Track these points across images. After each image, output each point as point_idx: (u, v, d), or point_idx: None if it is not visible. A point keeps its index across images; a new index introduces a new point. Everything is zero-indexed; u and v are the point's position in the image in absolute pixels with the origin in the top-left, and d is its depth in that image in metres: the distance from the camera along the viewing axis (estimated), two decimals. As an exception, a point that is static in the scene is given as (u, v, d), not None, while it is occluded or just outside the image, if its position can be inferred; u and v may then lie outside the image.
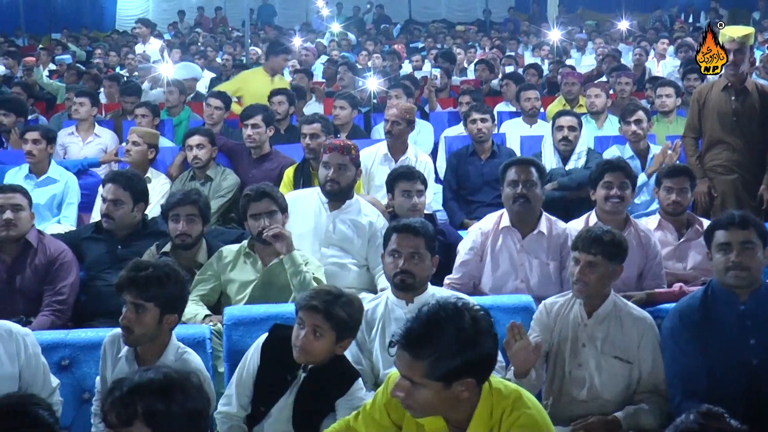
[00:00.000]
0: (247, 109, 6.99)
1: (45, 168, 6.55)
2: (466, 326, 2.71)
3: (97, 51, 16.40)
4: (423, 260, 4.04)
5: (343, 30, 18.68)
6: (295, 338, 3.52)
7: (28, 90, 10.15)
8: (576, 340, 3.93)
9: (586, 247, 3.88)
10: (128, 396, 2.49)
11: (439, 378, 2.69)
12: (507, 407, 2.82)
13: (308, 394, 3.56)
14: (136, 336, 3.57)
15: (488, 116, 7.02)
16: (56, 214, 6.39)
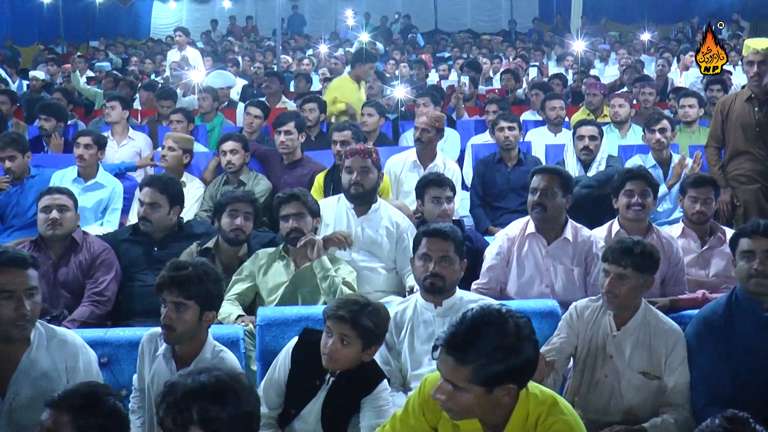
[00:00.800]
0: (279, 116, 7.02)
1: (93, 173, 6.62)
2: (510, 332, 2.71)
3: (133, 58, 16.53)
4: (452, 264, 4.05)
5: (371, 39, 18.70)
6: (324, 346, 3.56)
7: (68, 96, 10.25)
8: (604, 350, 3.89)
9: (617, 259, 3.82)
10: (183, 401, 2.51)
11: (482, 383, 2.69)
12: (543, 412, 2.82)
13: (336, 396, 3.60)
14: (178, 334, 3.60)
15: (515, 125, 7.02)
16: (100, 218, 6.45)
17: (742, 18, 21.33)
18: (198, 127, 8.41)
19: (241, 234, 4.98)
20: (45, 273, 4.94)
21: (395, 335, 4.06)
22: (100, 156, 6.69)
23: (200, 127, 8.55)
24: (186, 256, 4.90)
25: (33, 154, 6.89)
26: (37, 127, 8.35)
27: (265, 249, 4.94)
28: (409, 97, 9.37)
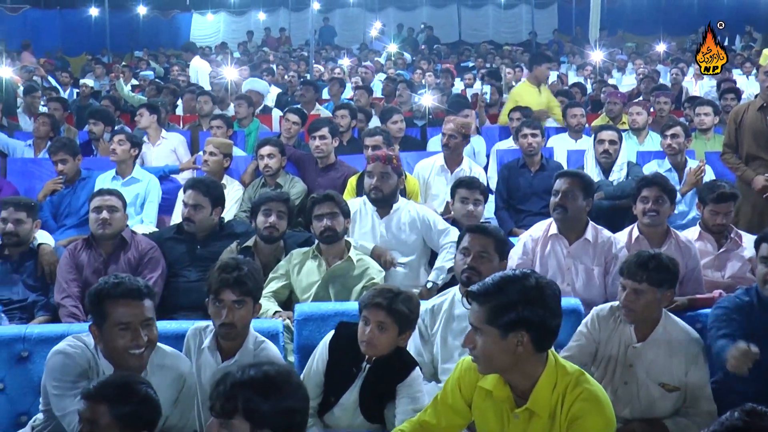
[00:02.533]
0: (314, 122, 7.04)
1: (129, 169, 6.72)
2: (529, 286, 2.78)
3: (174, 68, 16.63)
4: (490, 260, 4.04)
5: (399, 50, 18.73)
6: (361, 334, 3.60)
7: (115, 103, 10.34)
8: (624, 358, 3.83)
9: (632, 274, 3.74)
10: (231, 390, 2.55)
11: (497, 325, 2.75)
12: (570, 382, 2.83)
13: (372, 382, 3.62)
14: (239, 330, 3.64)
15: (538, 131, 7.01)
16: (139, 212, 6.51)
17: (755, 29, 21.16)
18: (236, 132, 8.46)
19: (274, 231, 5.00)
20: (96, 269, 5.02)
21: (429, 327, 4.08)
22: (134, 153, 6.76)
23: (238, 132, 8.60)
24: (227, 255, 4.93)
25: (83, 158, 6.96)
26: (87, 132, 8.44)
27: (299, 249, 4.97)
28: (437, 104, 9.37)
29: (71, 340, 3.44)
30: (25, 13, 23.36)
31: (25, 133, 8.98)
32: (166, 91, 11.52)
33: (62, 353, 3.36)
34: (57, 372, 3.32)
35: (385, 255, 5.14)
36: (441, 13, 27.02)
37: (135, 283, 3.33)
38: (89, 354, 3.37)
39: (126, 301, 3.26)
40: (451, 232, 5.26)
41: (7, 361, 3.95)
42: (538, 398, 2.82)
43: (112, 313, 3.25)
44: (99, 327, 3.30)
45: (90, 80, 13.54)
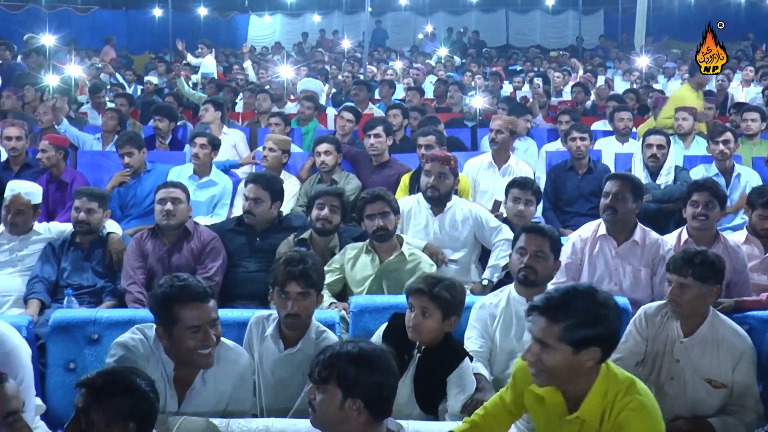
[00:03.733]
0: (369, 121, 7.05)
1: (207, 171, 6.74)
2: (600, 301, 2.74)
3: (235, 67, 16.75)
4: (546, 259, 4.01)
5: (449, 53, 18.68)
6: (408, 320, 3.65)
7: (178, 99, 10.46)
8: (671, 354, 3.79)
9: (678, 269, 3.72)
10: (329, 360, 2.72)
11: (571, 343, 2.70)
12: (621, 390, 2.79)
13: (424, 371, 3.63)
14: (303, 320, 3.67)
15: (587, 135, 6.94)
16: (211, 212, 6.55)
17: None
18: (294, 129, 8.50)
19: (327, 224, 5.00)
20: (160, 258, 5.09)
21: (489, 322, 4.06)
22: (213, 155, 6.80)
23: (295, 129, 8.64)
24: (284, 247, 4.97)
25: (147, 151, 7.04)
26: (152, 127, 8.54)
27: (354, 244, 4.98)
28: (487, 106, 9.33)
29: (135, 331, 3.46)
30: (94, 13, 23.75)
31: (94, 127, 9.12)
32: (226, 89, 11.61)
33: (123, 346, 3.39)
34: (115, 364, 3.35)
35: (437, 253, 5.13)
36: (489, 17, 26.93)
37: (200, 285, 3.32)
38: (149, 347, 3.40)
39: (194, 305, 3.26)
40: (503, 230, 5.24)
41: (78, 344, 4.03)
42: (589, 407, 2.79)
43: (182, 317, 3.24)
44: (167, 329, 3.30)
45: (153, 77, 13.70)
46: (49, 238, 5.34)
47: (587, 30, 23.62)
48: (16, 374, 3.56)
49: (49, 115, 8.20)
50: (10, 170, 6.93)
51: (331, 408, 2.69)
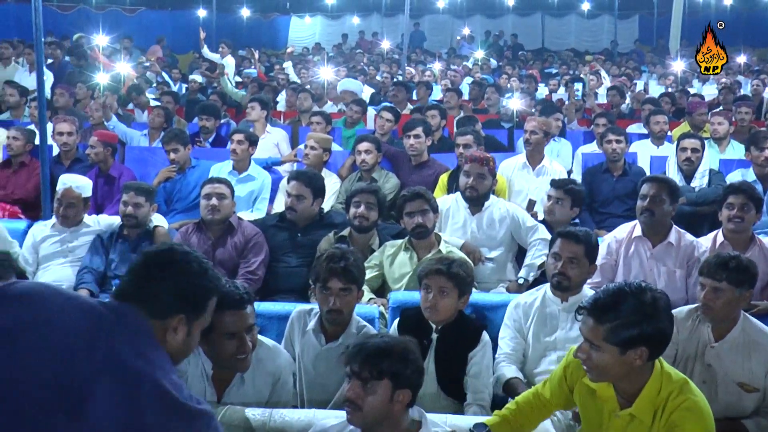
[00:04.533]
0: (409, 122, 7.06)
1: (246, 166, 6.77)
2: (647, 302, 2.71)
3: (276, 67, 16.82)
4: (580, 266, 3.97)
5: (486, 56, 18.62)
6: (424, 301, 3.69)
7: (222, 98, 10.51)
8: (702, 358, 3.73)
9: (712, 273, 3.64)
10: (375, 357, 2.72)
11: (617, 343, 2.69)
12: (675, 390, 2.77)
13: (444, 352, 3.66)
14: (345, 316, 3.68)
15: (623, 138, 6.88)
16: (251, 207, 6.58)
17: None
18: (335, 128, 8.51)
19: (364, 221, 4.99)
20: (205, 252, 5.10)
21: (523, 320, 4.04)
22: (251, 151, 6.82)
23: (336, 129, 8.65)
24: (325, 244, 4.99)
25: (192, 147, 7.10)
26: (197, 124, 8.60)
27: (392, 241, 4.97)
28: (524, 108, 9.28)
29: None
30: (141, 14, 23.98)
31: (141, 124, 9.20)
32: (267, 89, 11.65)
33: None
34: None
35: (474, 251, 5.12)
36: (525, 21, 26.85)
37: (238, 291, 3.26)
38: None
39: (231, 312, 3.19)
40: (539, 230, 5.21)
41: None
42: (643, 404, 2.78)
43: (219, 324, 3.15)
44: (204, 334, 3.28)
45: (198, 76, 13.80)
46: (98, 230, 5.42)
47: (622, 34, 23.43)
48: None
49: (99, 112, 8.31)
50: (61, 164, 7.02)
51: (382, 402, 2.70)
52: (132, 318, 2.16)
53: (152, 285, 2.24)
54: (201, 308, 2.33)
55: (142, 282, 2.25)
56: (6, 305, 2.10)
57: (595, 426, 2.94)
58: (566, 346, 3.75)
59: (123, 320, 2.13)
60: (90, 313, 2.11)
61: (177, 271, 2.28)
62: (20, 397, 1.99)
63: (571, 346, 3.11)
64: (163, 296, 2.23)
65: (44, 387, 2.00)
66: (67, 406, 1.98)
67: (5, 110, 9.64)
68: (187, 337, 2.27)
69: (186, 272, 2.29)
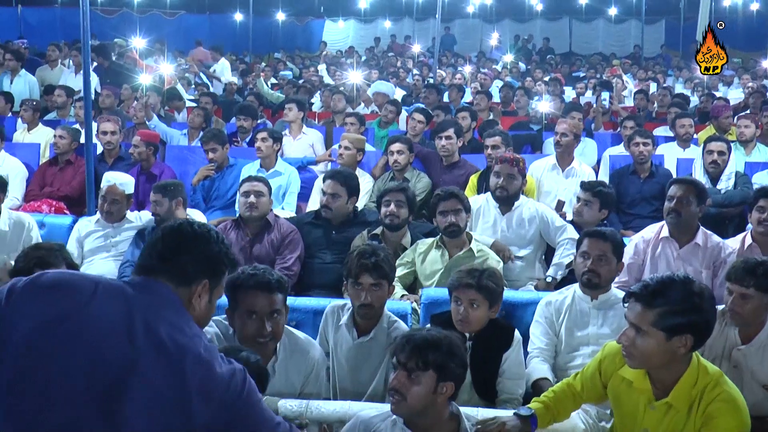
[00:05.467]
0: (441, 123, 7.05)
1: (273, 163, 6.81)
2: (695, 291, 2.72)
3: (311, 69, 16.87)
4: (609, 263, 3.96)
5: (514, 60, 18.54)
6: (456, 314, 3.64)
7: (258, 99, 10.57)
8: (728, 359, 3.66)
9: (739, 279, 3.53)
10: (423, 349, 2.72)
11: (664, 329, 2.69)
12: (711, 382, 2.77)
13: (479, 357, 3.62)
14: (376, 310, 3.68)
15: (650, 140, 6.82)
16: (281, 202, 6.60)
17: None
18: (368, 129, 8.52)
19: (395, 219, 4.99)
20: (242, 248, 5.15)
21: (555, 318, 4.02)
22: (276, 147, 6.85)
23: (370, 130, 8.66)
24: (358, 241, 5.00)
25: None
26: (235, 125, 8.64)
27: (424, 240, 4.97)
28: (553, 111, 9.23)
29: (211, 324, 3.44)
30: (180, 17, 24.18)
31: (181, 123, 9.27)
32: (302, 90, 11.69)
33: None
34: None
35: (504, 250, 5.10)
36: (553, 25, 26.71)
37: (268, 276, 3.29)
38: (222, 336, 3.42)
39: (254, 292, 3.24)
40: (567, 229, 5.20)
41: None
42: (680, 394, 2.77)
43: (243, 302, 3.24)
44: (231, 312, 3.32)
45: (235, 78, 13.87)
46: (140, 225, 5.48)
47: (649, 39, 23.17)
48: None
49: (142, 112, 8.38)
50: (105, 162, 7.10)
51: (426, 393, 2.71)
52: (160, 291, 2.24)
53: (178, 255, 2.30)
54: (221, 273, 2.41)
55: (166, 254, 2.31)
56: (41, 297, 2.13)
57: (630, 418, 2.93)
58: (598, 342, 3.77)
59: (153, 296, 2.21)
60: (121, 296, 2.18)
61: (199, 239, 2.35)
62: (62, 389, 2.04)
63: (607, 342, 3.13)
64: (189, 264, 2.31)
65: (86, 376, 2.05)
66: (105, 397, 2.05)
67: (52, 110, 9.77)
68: (208, 303, 2.35)
69: (207, 240, 2.37)
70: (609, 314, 3.94)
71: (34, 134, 8.46)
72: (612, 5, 25.61)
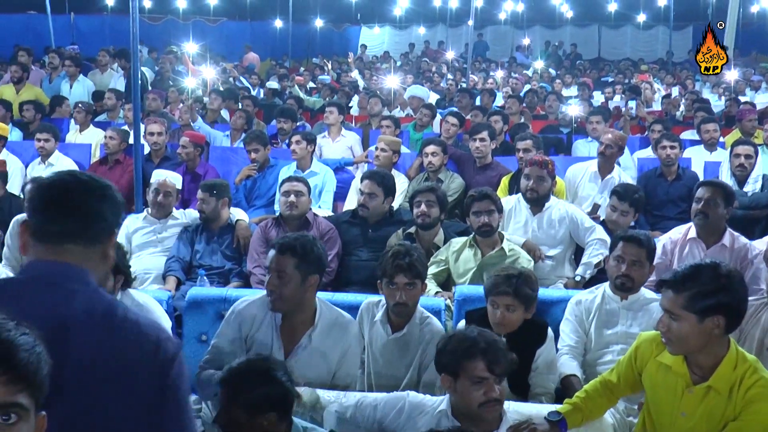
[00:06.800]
0: (475, 126, 7.03)
1: (308, 164, 6.84)
2: (723, 273, 2.72)
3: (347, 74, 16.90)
4: (642, 267, 3.94)
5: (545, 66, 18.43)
6: (492, 317, 3.63)
7: (298, 102, 10.60)
8: (762, 342, 3.66)
9: None
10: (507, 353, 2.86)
11: (696, 311, 2.69)
12: (749, 368, 2.76)
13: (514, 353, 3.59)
14: (410, 308, 3.69)
15: (676, 144, 6.74)
16: (317, 201, 6.61)
17: None
18: (403, 132, 8.52)
19: (426, 218, 4.98)
20: (283, 246, 5.17)
21: (585, 316, 4.00)
22: (311, 149, 6.87)
23: (405, 132, 8.66)
24: (394, 239, 5.00)
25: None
26: (275, 127, 8.69)
27: (458, 239, 4.96)
28: (582, 114, 9.16)
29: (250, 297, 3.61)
30: (222, 24, 24.34)
31: (224, 125, 9.34)
32: (340, 94, 11.72)
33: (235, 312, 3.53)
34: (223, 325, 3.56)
35: (535, 249, 5.08)
36: (583, 31, 26.58)
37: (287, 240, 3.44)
38: (262, 305, 3.49)
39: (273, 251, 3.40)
40: (596, 230, 5.15)
41: (210, 318, 4.13)
42: (721, 377, 2.76)
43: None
44: None
45: (274, 82, 13.94)
46: (185, 223, 5.53)
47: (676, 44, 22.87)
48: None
49: (188, 114, 8.46)
50: (151, 162, 7.18)
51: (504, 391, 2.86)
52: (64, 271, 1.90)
53: (82, 217, 1.93)
54: (120, 221, 2.15)
55: (67, 220, 1.92)
56: None
57: (667, 403, 2.91)
58: (627, 341, 3.76)
59: (60, 279, 1.88)
60: (42, 290, 1.87)
61: (92, 194, 1.97)
62: None
63: (641, 332, 3.13)
64: (96, 222, 1.95)
65: None
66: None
67: (102, 112, 9.90)
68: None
69: (96, 192, 1.98)
70: (638, 314, 3.92)
71: (86, 135, 8.59)
72: (641, 12, 25.38)
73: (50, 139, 7.35)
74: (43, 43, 15.10)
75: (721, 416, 2.78)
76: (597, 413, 3.10)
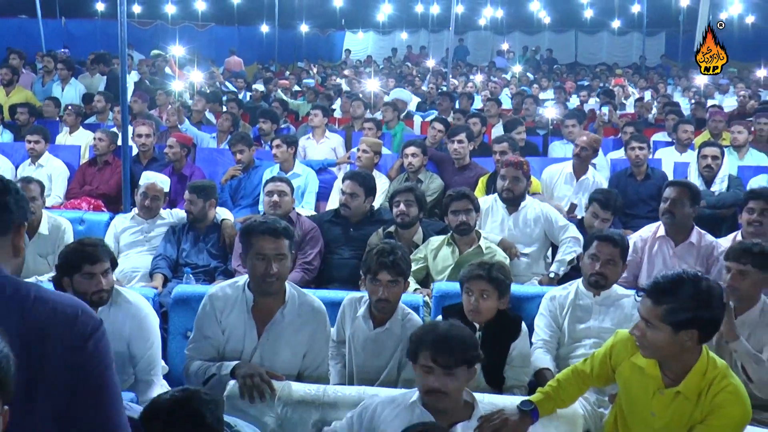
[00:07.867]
0: (454, 129, 7.05)
1: (291, 166, 6.83)
2: (703, 289, 2.71)
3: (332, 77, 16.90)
4: (616, 266, 3.97)
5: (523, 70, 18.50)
6: (467, 304, 3.66)
7: (283, 105, 10.60)
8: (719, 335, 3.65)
9: (737, 257, 3.67)
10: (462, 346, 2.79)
11: (671, 323, 2.70)
12: (719, 374, 2.79)
13: (490, 346, 3.58)
14: (392, 305, 3.69)
15: (645, 145, 6.78)
16: (300, 201, 6.61)
17: None
18: (385, 134, 8.53)
19: (405, 217, 4.99)
20: (267, 243, 5.17)
21: (558, 312, 4.03)
22: (292, 151, 6.86)
23: (386, 134, 8.67)
24: (375, 238, 5.01)
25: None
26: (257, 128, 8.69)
27: (436, 237, 4.98)
28: (558, 117, 9.21)
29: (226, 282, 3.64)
30: (210, 29, 24.24)
31: (208, 127, 9.31)
32: (322, 96, 11.72)
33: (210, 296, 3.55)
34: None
35: (510, 247, 5.10)
36: (560, 37, 26.77)
37: (276, 223, 3.46)
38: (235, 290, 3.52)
39: (265, 237, 3.39)
40: (569, 228, 5.19)
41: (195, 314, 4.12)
42: (690, 383, 2.80)
43: (254, 245, 3.39)
44: (246, 255, 3.48)
45: (260, 86, 13.92)
46: (172, 222, 5.51)
47: (650, 50, 23.08)
48: (148, 338, 3.69)
49: (175, 116, 8.43)
50: (139, 163, 7.16)
51: (462, 385, 2.82)
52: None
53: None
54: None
55: None
56: None
57: (639, 402, 2.95)
58: (599, 335, 3.81)
59: None
60: None
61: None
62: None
63: (618, 330, 3.15)
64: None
65: None
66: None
67: (91, 115, 9.86)
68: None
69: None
70: (610, 310, 3.95)
71: (75, 137, 8.55)
72: (615, 18, 25.56)
73: (40, 141, 7.31)
74: (35, 46, 15.01)
75: (688, 419, 2.81)
76: (568, 401, 3.13)
